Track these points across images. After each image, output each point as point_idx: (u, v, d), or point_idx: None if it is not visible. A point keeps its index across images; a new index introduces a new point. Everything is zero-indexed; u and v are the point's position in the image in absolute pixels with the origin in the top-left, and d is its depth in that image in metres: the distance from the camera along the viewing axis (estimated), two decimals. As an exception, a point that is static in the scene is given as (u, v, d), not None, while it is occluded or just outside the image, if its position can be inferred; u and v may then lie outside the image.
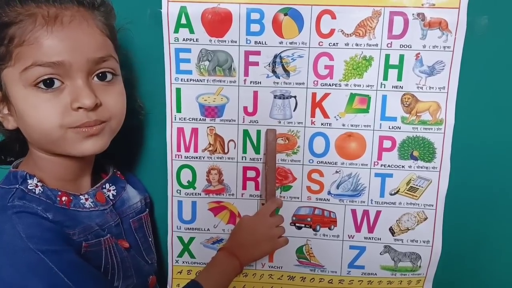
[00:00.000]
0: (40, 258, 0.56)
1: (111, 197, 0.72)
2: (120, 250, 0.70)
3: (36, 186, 0.62)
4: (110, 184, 0.73)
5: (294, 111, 0.79)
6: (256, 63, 0.77)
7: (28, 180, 0.62)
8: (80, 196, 0.67)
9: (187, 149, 0.82)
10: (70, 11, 0.59)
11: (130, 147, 0.69)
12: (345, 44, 0.76)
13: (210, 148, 0.82)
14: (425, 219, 0.82)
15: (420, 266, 0.84)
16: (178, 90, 0.79)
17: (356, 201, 0.82)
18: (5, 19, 0.57)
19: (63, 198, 0.64)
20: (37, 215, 0.60)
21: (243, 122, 0.80)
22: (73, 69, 0.58)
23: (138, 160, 0.80)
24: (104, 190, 0.72)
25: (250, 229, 0.80)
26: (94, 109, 0.61)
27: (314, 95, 0.79)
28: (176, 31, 0.76)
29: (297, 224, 0.84)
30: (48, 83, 0.58)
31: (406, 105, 0.78)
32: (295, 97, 0.79)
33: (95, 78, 0.62)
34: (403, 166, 0.81)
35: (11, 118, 0.63)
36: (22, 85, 0.58)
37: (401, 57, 0.76)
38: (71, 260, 0.60)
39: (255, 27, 0.76)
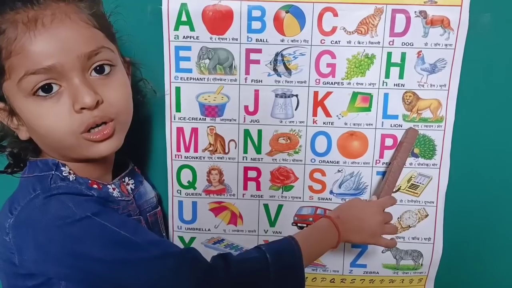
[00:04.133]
0: (91, 219, 0.56)
1: (130, 191, 0.71)
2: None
3: (69, 173, 0.62)
4: (129, 178, 0.72)
5: (295, 110, 0.79)
6: (257, 61, 0.76)
7: (61, 168, 0.62)
8: (108, 186, 0.66)
9: (187, 149, 0.80)
10: (49, 10, 0.56)
11: (130, 147, 0.67)
12: (347, 42, 0.75)
13: (211, 148, 0.80)
14: (426, 216, 0.82)
15: (422, 264, 0.84)
16: (178, 89, 0.78)
17: (358, 200, 0.82)
18: None
19: (94, 186, 0.63)
20: (82, 193, 0.60)
21: (244, 121, 0.79)
22: (66, 70, 0.56)
23: (138, 160, 0.78)
24: (124, 183, 0.71)
25: (359, 213, 0.75)
26: (97, 107, 0.58)
27: (316, 93, 0.78)
28: (176, 28, 0.74)
29: (299, 224, 0.83)
30: (47, 89, 0.56)
31: (407, 103, 0.78)
32: (296, 95, 0.78)
33: (93, 73, 0.59)
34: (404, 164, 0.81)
35: (23, 128, 0.61)
36: (23, 96, 0.57)
37: (403, 55, 0.76)
38: (121, 217, 0.61)
39: (256, 25, 0.74)
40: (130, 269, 0.56)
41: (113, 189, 0.66)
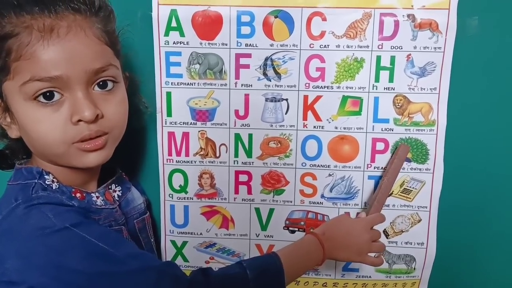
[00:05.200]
0: (71, 231, 0.56)
1: (116, 198, 0.72)
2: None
3: (53, 182, 0.62)
4: (116, 185, 0.73)
5: (286, 114, 0.79)
6: (247, 66, 0.77)
7: (45, 176, 0.62)
8: (92, 194, 0.67)
9: (178, 154, 0.81)
10: (66, 21, 0.57)
11: (122, 152, 0.68)
12: (336, 46, 0.76)
13: (202, 152, 0.81)
14: (419, 221, 0.82)
15: (414, 268, 0.83)
16: (169, 94, 0.79)
17: (349, 204, 0.82)
18: (1, 32, 0.56)
19: (77, 195, 0.64)
20: (63, 204, 0.60)
21: (235, 125, 0.80)
22: (72, 82, 0.57)
23: (130, 164, 0.79)
24: (110, 190, 0.72)
25: (346, 230, 0.74)
26: (95, 121, 0.59)
27: (306, 97, 0.78)
28: (166, 34, 0.75)
29: (290, 228, 0.83)
30: (48, 96, 0.57)
31: (398, 106, 0.78)
32: (286, 100, 0.78)
33: (96, 87, 0.60)
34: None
35: (14, 127, 0.62)
36: (22, 99, 0.57)
37: (392, 59, 0.76)
38: (101, 228, 0.61)
39: (245, 30, 0.75)
40: (109, 282, 0.56)
41: (97, 197, 0.67)
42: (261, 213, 0.83)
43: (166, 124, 0.80)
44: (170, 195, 0.83)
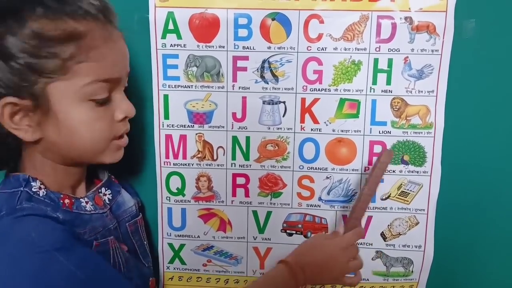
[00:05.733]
0: (51, 254, 0.55)
1: (107, 201, 0.72)
2: (123, 252, 0.70)
3: (40, 188, 0.62)
4: (106, 188, 0.73)
5: (283, 116, 0.79)
6: (244, 68, 0.77)
7: (31, 183, 0.62)
8: (81, 199, 0.66)
9: (175, 156, 0.81)
10: (114, 28, 0.62)
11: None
12: (334, 48, 0.76)
13: (199, 155, 0.81)
14: (417, 223, 0.82)
15: (412, 271, 0.83)
16: (166, 97, 0.78)
17: (347, 207, 0.82)
18: (66, 33, 0.56)
19: (66, 201, 0.64)
20: (47, 216, 0.60)
21: (232, 128, 0.80)
22: (120, 83, 0.64)
23: (127, 167, 0.78)
24: (100, 194, 0.71)
25: (322, 255, 0.71)
26: (125, 119, 0.66)
27: (303, 100, 0.78)
28: (163, 36, 0.75)
29: (288, 231, 0.83)
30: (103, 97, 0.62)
31: (395, 109, 0.78)
32: (284, 102, 0.78)
33: None
34: (393, 171, 0.80)
35: (31, 129, 0.59)
36: (78, 99, 0.59)
37: (390, 61, 0.76)
38: (82, 254, 0.60)
39: (243, 32, 0.75)
40: None
41: (86, 202, 0.66)
42: (259, 216, 0.83)
43: (163, 126, 0.80)
44: (168, 198, 0.83)
